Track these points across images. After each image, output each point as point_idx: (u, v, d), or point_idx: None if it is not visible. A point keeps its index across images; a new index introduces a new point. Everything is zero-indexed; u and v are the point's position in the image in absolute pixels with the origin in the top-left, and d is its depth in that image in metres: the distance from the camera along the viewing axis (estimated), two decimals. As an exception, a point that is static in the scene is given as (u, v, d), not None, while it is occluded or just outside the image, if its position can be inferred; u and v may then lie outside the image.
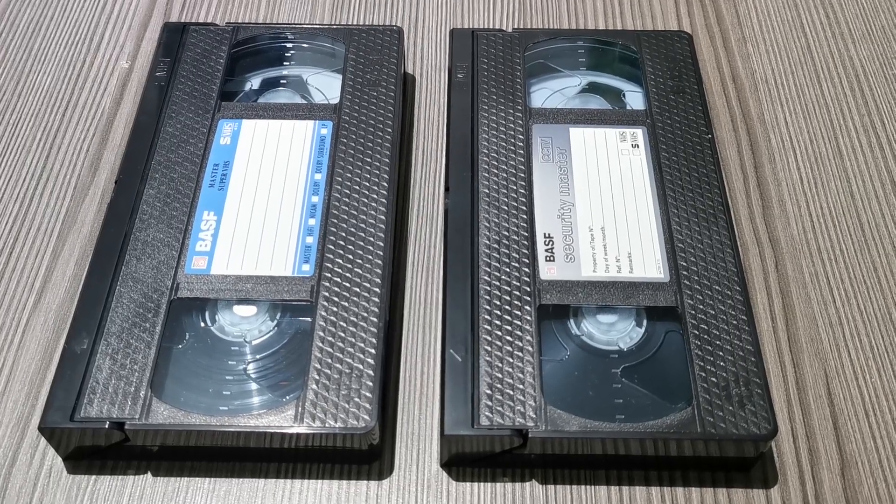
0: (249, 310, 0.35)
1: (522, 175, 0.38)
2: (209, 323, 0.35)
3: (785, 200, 0.41)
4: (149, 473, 0.33)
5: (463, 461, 0.33)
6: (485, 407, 0.32)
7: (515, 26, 0.48)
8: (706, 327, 0.34)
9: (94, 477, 0.33)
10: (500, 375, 0.33)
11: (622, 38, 0.44)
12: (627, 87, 0.43)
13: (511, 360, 0.33)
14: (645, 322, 0.35)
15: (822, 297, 0.38)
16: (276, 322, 0.35)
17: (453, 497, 0.33)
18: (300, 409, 0.32)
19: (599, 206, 0.38)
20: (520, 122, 0.40)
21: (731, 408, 0.32)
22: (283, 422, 0.32)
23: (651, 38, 0.44)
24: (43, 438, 0.33)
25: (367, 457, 0.33)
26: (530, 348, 0.33)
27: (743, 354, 0.33)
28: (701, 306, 0.35)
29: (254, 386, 0.34)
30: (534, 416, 0.32)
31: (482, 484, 0.33)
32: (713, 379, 0.33)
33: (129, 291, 0.35)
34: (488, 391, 0.32)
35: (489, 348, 0.33)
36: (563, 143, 0.40)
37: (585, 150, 0.40)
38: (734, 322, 0.34)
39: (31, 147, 0.43)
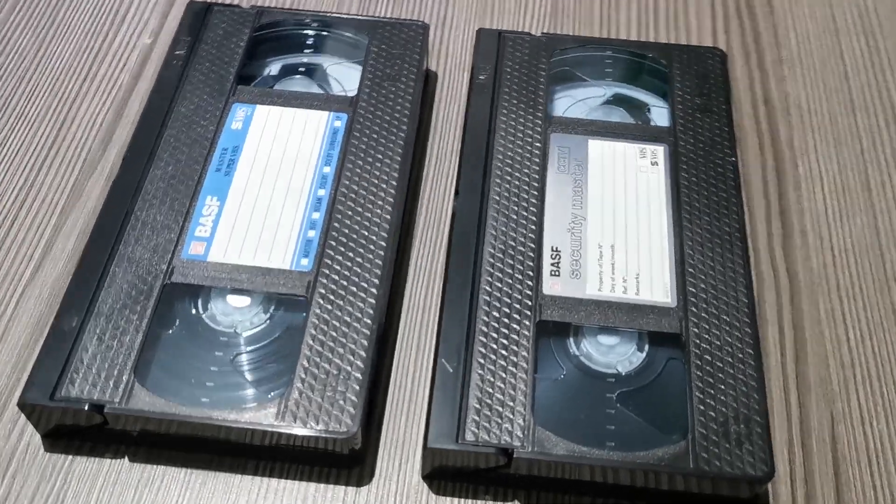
0: (243, 300, 0.35)
1: (536, 184, 0.37)
2: (201, 311, 0.34)
3: (807, 231, 0.40)
4: (126, 458, 0.32)
5: (445, 475, 0.32)
6: (471, 422, 0.31)
7: (545, 30, 0.47)
8: (710, 358, 0.33)
9: (70, 457, 0.32)
10: (490, 390, 0.32)
11: (653, 50, 0.43)
12: (653, 101, 0.42)
13: (504, 375, 0.32)
14: (647, 347, 0.34)
15: (836, 336, 0.37)
16: (268, 315, 0.34)
17: (433, 510, 0.32)
18: (283, 407, 0.31)
19: (612, 222, 0.37)
20: (538, 129, 0.39)
21: (727, 445, 0.31)
22: (265, 419, 0.31)
23: (683, 52, 0.43)
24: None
25: (348, 461, 0.32)
26: (525, 364, 0.32)
27: (746, 390, 0.32)
28: (706, 335, 0.33)
29: (239, 379, 0.33)
30: (521, 435, 0.31)
31: (463, 500, 0.32)
32: (712, 413, 0.31)
33: (124, 272, 0.34)
34: (477, 405, 0.31)
35: (482, 361, 0.32)
36: (580, 154, 0.39)
37: (603, 164, 0.38)
38: (740, 355, 0.33)
39: (45, 116, 0.43)
